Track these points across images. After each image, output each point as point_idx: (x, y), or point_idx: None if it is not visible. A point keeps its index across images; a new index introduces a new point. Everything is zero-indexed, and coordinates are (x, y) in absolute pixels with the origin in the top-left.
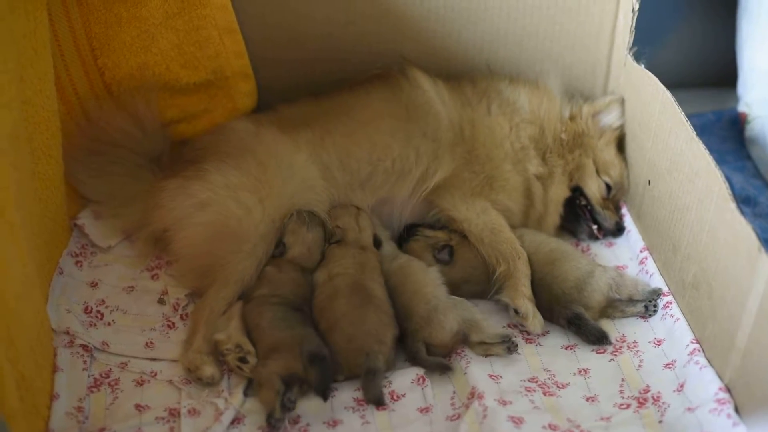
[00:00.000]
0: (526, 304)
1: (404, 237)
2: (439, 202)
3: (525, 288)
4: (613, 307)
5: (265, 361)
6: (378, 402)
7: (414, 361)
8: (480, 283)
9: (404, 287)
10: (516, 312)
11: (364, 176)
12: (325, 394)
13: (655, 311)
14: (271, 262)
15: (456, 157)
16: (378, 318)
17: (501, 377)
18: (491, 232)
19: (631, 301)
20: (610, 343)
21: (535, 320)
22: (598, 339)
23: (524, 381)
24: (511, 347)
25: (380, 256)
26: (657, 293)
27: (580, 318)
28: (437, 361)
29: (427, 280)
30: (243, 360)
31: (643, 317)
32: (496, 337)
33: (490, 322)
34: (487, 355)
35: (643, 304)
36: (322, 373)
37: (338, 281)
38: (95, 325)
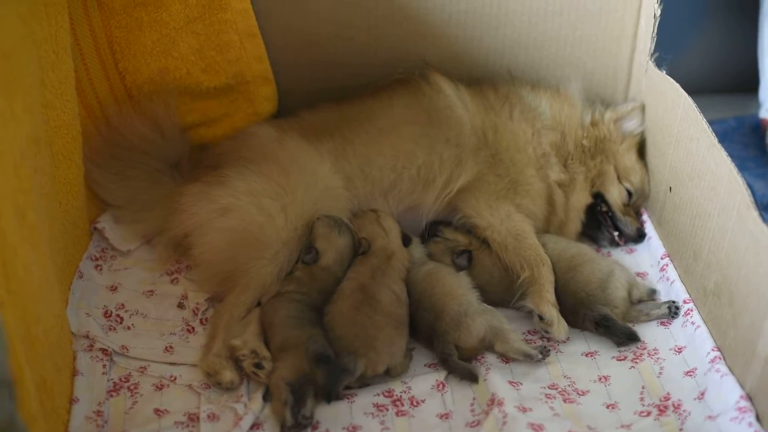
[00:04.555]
0: (550, 310)
1: (427, 235)
2: (463, 207)
3: (549, 294)
4: (637, 311)
5: (275, 363)
6: (327, 398)
7: (443, 363)
8: (497, 292)
9: (434, 290)
10: (540, 318)
11: (387, 185)
12: (330, 396)
13: (677, 313)
14: (303, 268)
15: (479, 162)
16: (371, 321)
17: (521, 384)
18: (515, 239)
19: (653, 302)
20: (639, 340)
21: (560, 327)
22: (628, 338)
23: (544, 388)
24: (535, 360)
25: (410, 257)
26: (654, 291)
27: (608, 319)
28: (467, 368)
29: (458, 283)
30: (258, 366)
31: (664, 324)
32: (520, 353)
33: (517, 334)
34: (510, 360)
35: (667, 305)
36: (328, 374)
37: (344, 285)
38: (115, 329)
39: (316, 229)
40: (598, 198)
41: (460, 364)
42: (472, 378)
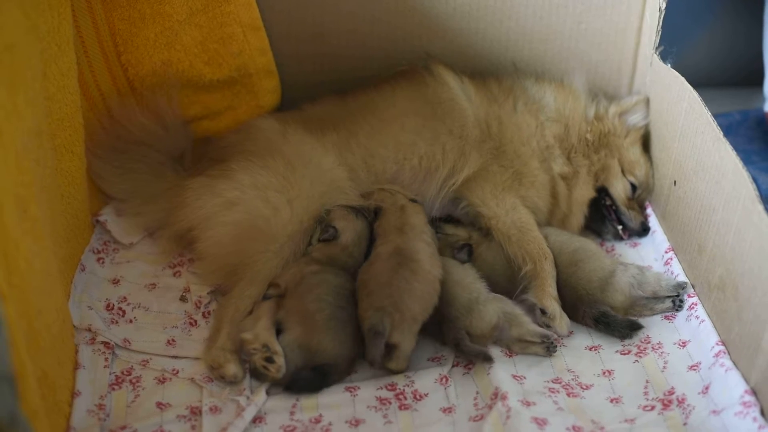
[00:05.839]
0: (553, 304)
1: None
2: (468, 195)
3: (551, 288)
4: (641, 306)
5: (291, 323)
6: (373, 363)
7: (456, 348)
8: (500, 284)
9: (444, 278)
10: (543, 312)
11: (390, 176)
12: (292, 390)
13: (681, 306)
14: (321, 248)
15: (483, 153)
16: (408, 286)
17: (524, 378)
18: (519, 231)
19: (657, 297)
20: (642, 327)
21: (562, 321)
22: (630, 329)
23: (548, 382)
24: (550, 347)
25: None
26: (682, 286)
27: (606, 315)
28: (479, 349)
29: (466, 272)
30: (269, 360)
31: (668, 318)
32: (536, 335)
33: (530, 318)
34: (524, 353)
35: (671, 299)
36: (309, 384)
37: (380, 249)
38: (117, 322)
39: (333, 213)
40: (603, 192)
41: (474, 348)
42: (487, 359)
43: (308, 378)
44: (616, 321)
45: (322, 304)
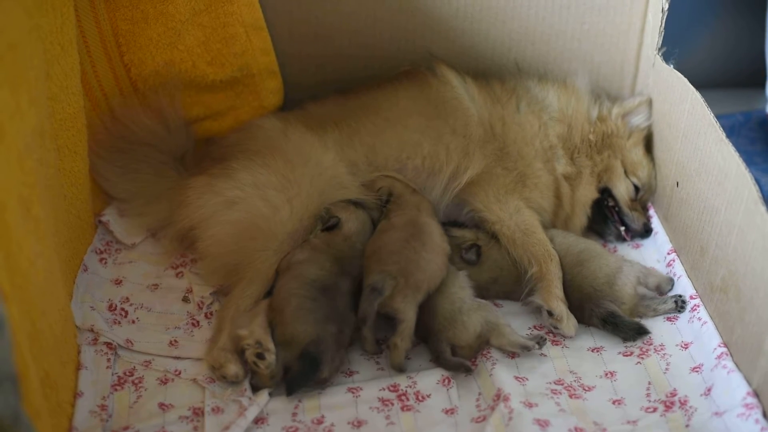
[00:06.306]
0: (560, 306)
1: None
2: (471, 201)
3: (558, 290)
4: (645, 306)
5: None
6: (363, 321)
7: (437, 361)
8: (508, 284)
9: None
10: (550, 314)
11: (392, 170)
12: (292, 390)
13: (683, 307)
14: (320, 236)
15: (487, 154)
16: (417, 255)
17: (527, 379)
18: (523, 234)
19: (662, 294)
20: (648, 333)
21: (569, 322)
22: (637, 333)
23: (550, 383)
24: (532, 350)
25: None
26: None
27: (614, 316)
28: (459, 361)
29: (453, 281)
30: (260, 356)
31: (670, 319)
32: (516, 346)
33: (512, 328)
34: (512, 356)
35: (673, 299)
36: (302, 374)
37: (395, 219)
38: (119, 322)
39: (334, 205)
40: (605, 193)
41: (452, 360)
42: (466, 370)
43: (299, 369)
44: (624, 322)
45: (291, 298)
